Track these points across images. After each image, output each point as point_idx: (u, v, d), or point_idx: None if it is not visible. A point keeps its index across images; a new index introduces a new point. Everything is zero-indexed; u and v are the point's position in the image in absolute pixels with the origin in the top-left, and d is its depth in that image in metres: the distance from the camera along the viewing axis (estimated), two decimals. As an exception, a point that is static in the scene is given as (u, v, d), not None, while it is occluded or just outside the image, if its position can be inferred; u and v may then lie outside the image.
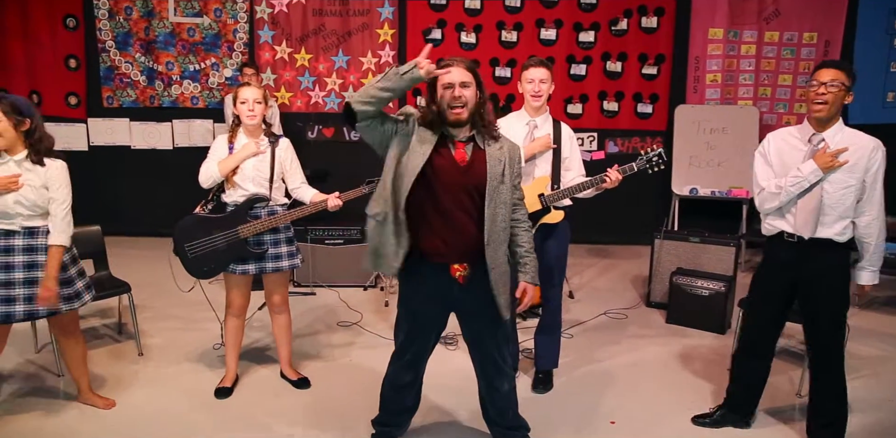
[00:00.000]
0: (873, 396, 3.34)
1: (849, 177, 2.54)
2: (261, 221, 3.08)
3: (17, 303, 2.74)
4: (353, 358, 3.72)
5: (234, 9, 6.18)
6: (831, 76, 2.47)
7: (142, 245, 5.98)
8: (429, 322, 2.52)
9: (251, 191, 3.10)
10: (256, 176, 3.10)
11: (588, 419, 3.07)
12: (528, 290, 2.49)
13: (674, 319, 4.34)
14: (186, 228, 3.12)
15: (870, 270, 2.70)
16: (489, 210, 2.35)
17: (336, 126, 6.36)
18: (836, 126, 2.57)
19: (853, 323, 3.34)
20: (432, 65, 2.22)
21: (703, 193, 5.82)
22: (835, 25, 6.00)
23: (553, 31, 6.20)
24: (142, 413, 3.06)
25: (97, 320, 4.22)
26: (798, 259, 2.66)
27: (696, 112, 5.96)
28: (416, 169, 2.30)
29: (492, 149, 2.39)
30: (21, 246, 2.75)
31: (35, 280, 2.75)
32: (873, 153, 2.54)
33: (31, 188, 2.71)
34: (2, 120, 2.65)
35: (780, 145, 2.68)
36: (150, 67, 6.26)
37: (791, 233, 2.66)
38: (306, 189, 3.23)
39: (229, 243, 3.07)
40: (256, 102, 3.04)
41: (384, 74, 2.24)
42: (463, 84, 2.31)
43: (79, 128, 6.36)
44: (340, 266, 4.93)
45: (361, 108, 2.24)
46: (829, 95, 2.47)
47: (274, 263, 3.16)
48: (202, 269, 3.12)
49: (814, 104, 2.52)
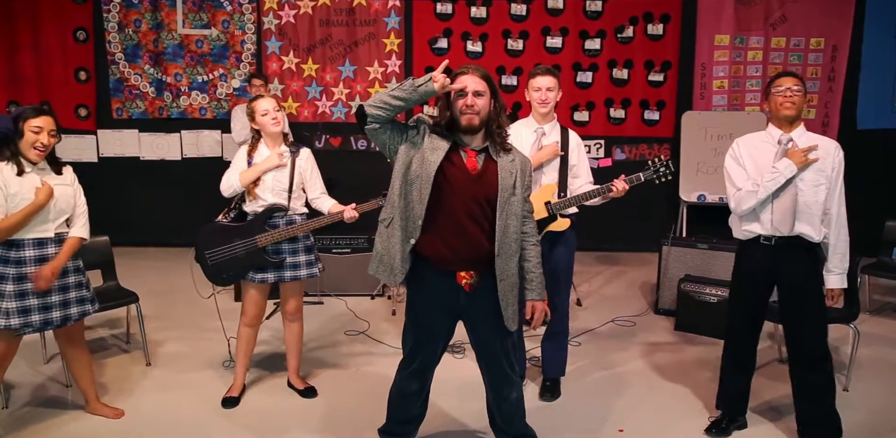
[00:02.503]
0: (883, 402, 3.31)
1: (819, 175, 2.70)
2: (278, 230, 3.11)
3: (55, 310, 2.82)
4: (360, 367, 3.71)
5: (242, 20, 6.24)
6: (792, 82, 2.71)
7: (150, 256, 6.02)
8: (435, 330, 2.51)
9: (270, 201, 3.13)
10: (275, 186, 3.14)
11: (596, 427, 3.05)
12: (536, 307, 2.49)
13: (682, 326, 4.31)
14: (208, 235, 3.16)
15: (836, 273, 2.80)
16: (500, 222, 2.35)
17: (343, 136, 6.39)
18: (800, 128, 2.77)
19: (863, 329, 3.31)
20: (447, 79, 2.25)
21: (711, 199, 5.79)
22: (842, 30, 5.99)
23: (559, 38, 6.22)
24: (150, 423, 3.06)
25: (105, 330, 4.24)
26: (774, 261, 2.76)
27: (704, 119, 5.94)
28: (429, 178, 2.30)
29: (504, 161, 2.39)
30: (53, 254, 2.79)
31: (67, 287, 2.85)
32: (836, 153, 2.72)
33: (64, 195, 2.82)
34: (55, 135, 2.78)
35: (750, 150, 2.82)
36: (158, 78, 6.32)
37: (767, 236, 2.76)
38: (325, 200, 3.26)
39: (248, 251, 3.10)
40: (276, 109, 3.12)
41: (401, 84, 2.29)
42: (476, 93, 2.32)
43: (89, 139, 6.41)
44: (348, 275, 4.93)
45: (373, 112, 2.30)
46: (795, 97, 2.70)
47: (292, 271, 3.17)
48: (221, 276, 3.16)
49: (783, 105, 2.71)
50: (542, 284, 2.50)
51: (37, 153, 2.73)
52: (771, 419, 3.12)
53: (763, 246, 2.78)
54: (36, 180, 2.75)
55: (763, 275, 2.81)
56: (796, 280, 2.76)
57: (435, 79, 2.23)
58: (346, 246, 4.95)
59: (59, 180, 2.83)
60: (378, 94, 2.31)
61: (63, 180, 2.85)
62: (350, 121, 6.33)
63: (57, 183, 2.80)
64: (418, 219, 2.34)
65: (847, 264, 2.80)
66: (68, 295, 2.85)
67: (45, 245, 2.78)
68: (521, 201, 2.41)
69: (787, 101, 2.70)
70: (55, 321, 2.82)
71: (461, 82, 2.30)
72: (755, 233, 2.79)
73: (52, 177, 2.82)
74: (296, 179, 3.17)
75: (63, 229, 2.85)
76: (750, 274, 2.86)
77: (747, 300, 2.88)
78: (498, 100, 2.38)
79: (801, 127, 2.77)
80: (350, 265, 4.93)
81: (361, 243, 4.94)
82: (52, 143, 2.78)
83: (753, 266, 2.83)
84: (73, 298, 2.86)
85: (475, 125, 2.34)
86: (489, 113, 2.35)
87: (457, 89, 2.30)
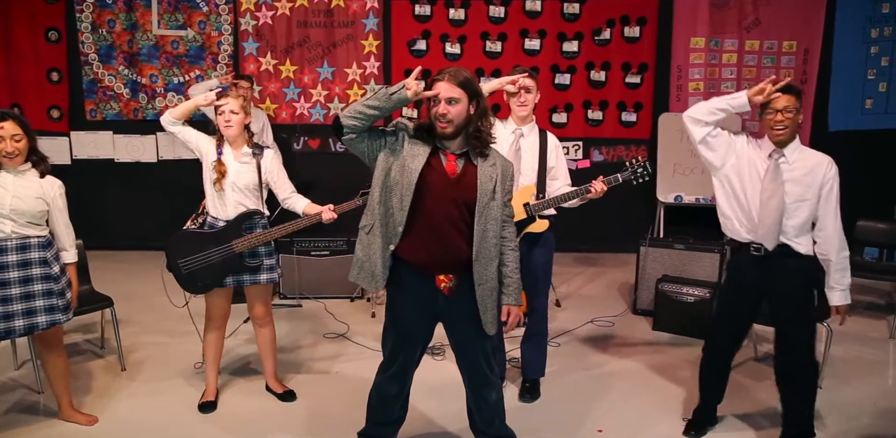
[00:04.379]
0: (855, 399, 3.36)
1: (805, 191, 2.64)
2: (254, 235, 3.06)
3: (17, 318, 2.75)
4: (339, 370, 3.69)
5: (219, 21, 6.17)
6: (784, 103, 2.59)
7: (125, 259, 5.93)
8: (415, 332, 2.50)
9: (238, 201, 3.07)
10: (245, 187, 3.07)
11: (575, 427, 3.06)
12: (511, 311, 2.48)
13: (660, 326, 4.35)
14: (179, 243, 3.09)
15: (838, 289, 2.72)
16: (479, 227, 2.34)
17: (322, 137, 6.35)
18: (794, 144, 2.68)
19: (835, 328, 3.36)
20: (421, 86, 2.23)
21: (688, 200, 5.86)
22: (813, 34, 6.09)
23: (537, 41, 6.25)
24: (125, 429, 3.01)
25: (79, 335, 4.17)
26: (764, 271, 2.73)
27: (680, 120, 5.91)
28: (411, 185, 2.29)
29: (484, 165, 2.38)
30: (14, 262, 2.73)
31: (31, 295, 2.77)
32: (828, 168, 2.65)
33: (28, 197, 2.74)
34: (24, 137, 2.73)
35: (748, 148, 2.75)
36: (133, 79, 6.23)
37: (757, 246, 2.72)
38: (297, 199, 3.20)
39: (224, 257, 3.04)
40: (233, 112, 3.03)
41: (375, 93, 2.28)
42: (449, 100, 2.28)
43: (61, 141, 6.30)
44: (326, 278, 4.90)
45: (349, 122, 2.28)
46: (786, 120, 2.60)
47: (251, 276, 3.13)
48: (196, 284, 3.09)
49: (773, 130, 2.62)
50: (519, 289, 2.51)
51: (6, 161, 2.70)
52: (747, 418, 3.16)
53: (752, 256, 2.73)
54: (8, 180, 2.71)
55: (751, 285, 2.78)
56: (786, 286, 2.72)
57: (408, 86, 2.21)
58: (325, 248, 4.92)
59: (31, 185, 2.76)
60: (353, 104, 2.29)
61: (34, 187, 2.77)
62: (328, 122, 6.30)
63: (26, 186, 2.74)
64: (399, 226, 2.33)
65: (848, 280, 2.72)
66: (34, 303, 2.77)
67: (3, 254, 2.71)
68: (500, 205, 2.41)
69: (779, 125, 2.60)
70: (18, 329, 2.75)
71: (436, 89, 2.29)
72: (746, 238, 2.75)
73: (27, 179, 2.76)
74: (262, 180, 3.11)
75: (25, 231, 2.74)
76: (738, 285, 2.84)
77: (734, 308, 2.86)
78: (479, 104, 2.34)
79: (796, 142, 2.68)
80: (329, 268, 4.90)
81: (340, 245, 4.91)
82: (20, 148, 2.72)
83: (741, 277, 2.81)
84: (40, 306, 2.78)
85: (447, 134, 2.32)
86: (466, 118, 2.32)
87: (430, 96, 2.29)
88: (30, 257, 2.76)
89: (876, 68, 5.94)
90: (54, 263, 2.84)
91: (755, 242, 2.73)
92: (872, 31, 5.93)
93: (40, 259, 2.78)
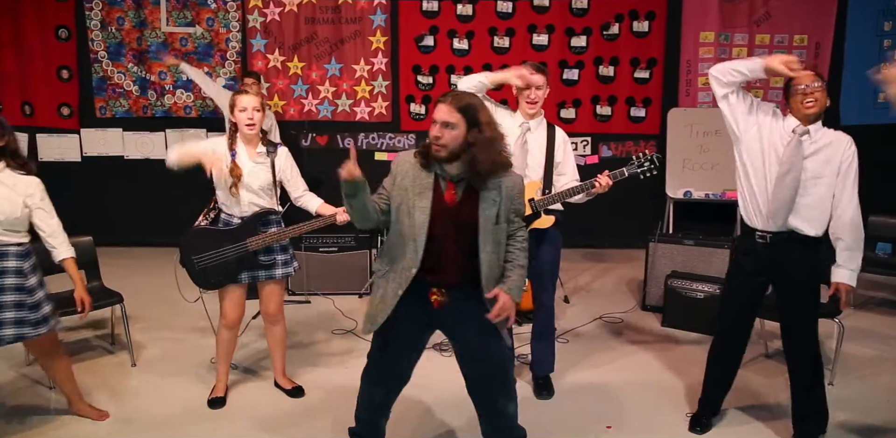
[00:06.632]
0: (868, 396, 3.34)
1: (822, 167, 2.63)
2: (269, 234, 3.06)
3: (4, 327, 2.67)
4: (348, 366, 3.70)
5: (227, 18, 6.18)
6: (812, 79, 2.60)
7: (134, 255, 5.97)
8: (403, 338, 2.43)
9: (252, 201, 3.07)
10: (259, 187, 3.06)
11: (584, 424, 3.06)
12: (500, 296, 2.27)
13: (670, 322, 4.33)
14: (194, 239, 3.08)
15: (847, 268, 2.68)
16: (484, 255, 2.27)
17: (329, 134, 6.35)
18: (818, 124, 2.68)
19: (848, 324, 3.34)
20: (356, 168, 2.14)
21: (698, 195, 5.81)
22: (825, 28, 6.03)
23: (545, 36, 6.22)
24: (136, 424, 3.04)
25: (89, 331, 4.19)
26: (768, 257, 2.72)
27: (689, 115, 5.97)
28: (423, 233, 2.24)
29: (487, 190, 2.28)
30: None
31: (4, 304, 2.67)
32: (847, 146, 2.65)
33: (6, 200, 2.63)
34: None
35: (771, 119, 2.71)
36: (142, 76, 6.26)
37: (762, 233, 2.71)
38: (310, 198, 3.20)
39: (239, 255, 3.04)
40: (256, 109, 3.01)
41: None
42: (445, 124, 2.19)
43: (72, 138, 6.34)
44: (335, 274, 4.91)
45: (363, 226, 2.34)
46: (817, 93, 2.60)
47: (267, 271, 3.14)
48: (210, 280, 3.09)
49: (805, 103, 2.61)
50: (518, 284, 2.36)
51: None
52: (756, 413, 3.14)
53: (758, 243, 2.72)
54: None
55: (756, 273, 2.78)
56: (791, 276, 2.72)
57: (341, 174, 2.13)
58: (334, 245, 4.93)
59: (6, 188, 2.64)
60: None
61: (14, 187, 2.67)
62: (336, 119, 6.31)
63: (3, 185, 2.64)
64: (413, 268, 2.26)
65: (858, 264, 2.68)
66: (2, 315, 2.66)
67: None
68: (505, 228, 2.33)
69: (810, 97, 2.60)
70: (6, 338, 2.68)
71: (436, 111, 2.22)
72: (753, 226, 2.74)
73: (7, 177, 2.66)
74: (276, 178, 3.12)
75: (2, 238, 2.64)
76: (742, 273, 2.82)
77: (739, 294, 2.86)
78: (480, 132, 2.19)
79: (819, 123, 2.68)
80: (337, 264, 4.91)
81: (349, 241, 4.92)
82: None
83: (746, 265, 2.80)
84: (9, 319, 2.67)
85: (441, 157, 2.23)
86: (462, 145, 2.20)
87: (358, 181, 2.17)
88: (5, 265, 2.66)
89: (889, 61, 5.87)
90: (31, 274, 2.73)
91: (761, 230, 2.71)
92: (885, 24, 5.86)
93: (15, 269, 2.68)
